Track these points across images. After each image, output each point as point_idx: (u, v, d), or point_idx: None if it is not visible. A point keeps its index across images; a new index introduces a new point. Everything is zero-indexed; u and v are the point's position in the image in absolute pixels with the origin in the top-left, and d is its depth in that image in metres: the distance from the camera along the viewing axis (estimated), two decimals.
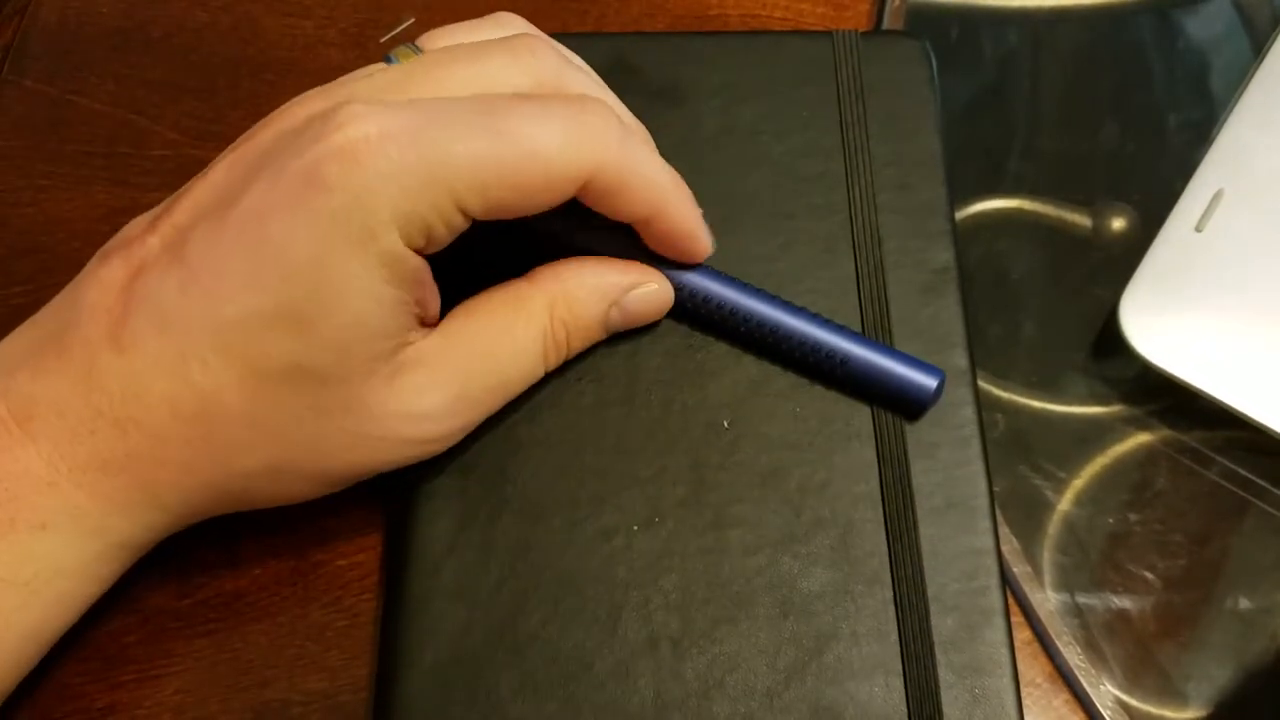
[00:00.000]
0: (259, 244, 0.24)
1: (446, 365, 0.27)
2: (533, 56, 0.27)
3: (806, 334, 0.30)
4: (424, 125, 0.24)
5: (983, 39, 0.40)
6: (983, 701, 0.27)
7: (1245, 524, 0.32)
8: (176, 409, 0.25)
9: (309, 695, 0.29)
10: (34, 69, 0.38)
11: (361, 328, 0.25)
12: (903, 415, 0.30)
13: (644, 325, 0.31)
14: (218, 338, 0.25)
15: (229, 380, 0.25)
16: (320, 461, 0.27)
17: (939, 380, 0.30)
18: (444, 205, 0.25)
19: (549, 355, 0.29)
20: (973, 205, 0.37)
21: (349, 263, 0.24)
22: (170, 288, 0.25)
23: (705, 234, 0.29)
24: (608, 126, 0.26)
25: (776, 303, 0.30)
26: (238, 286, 0.25)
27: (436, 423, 0.27)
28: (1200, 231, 0.34)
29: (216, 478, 0.26)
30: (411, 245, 0.25)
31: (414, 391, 0.27)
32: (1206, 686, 0.30)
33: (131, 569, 0.29)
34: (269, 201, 0.24)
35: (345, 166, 0.24)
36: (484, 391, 0.28)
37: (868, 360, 0.30)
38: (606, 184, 0.27)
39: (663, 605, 0.28)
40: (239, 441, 0.26)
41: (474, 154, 0.25)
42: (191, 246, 0.25)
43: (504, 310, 0.28)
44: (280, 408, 0.25)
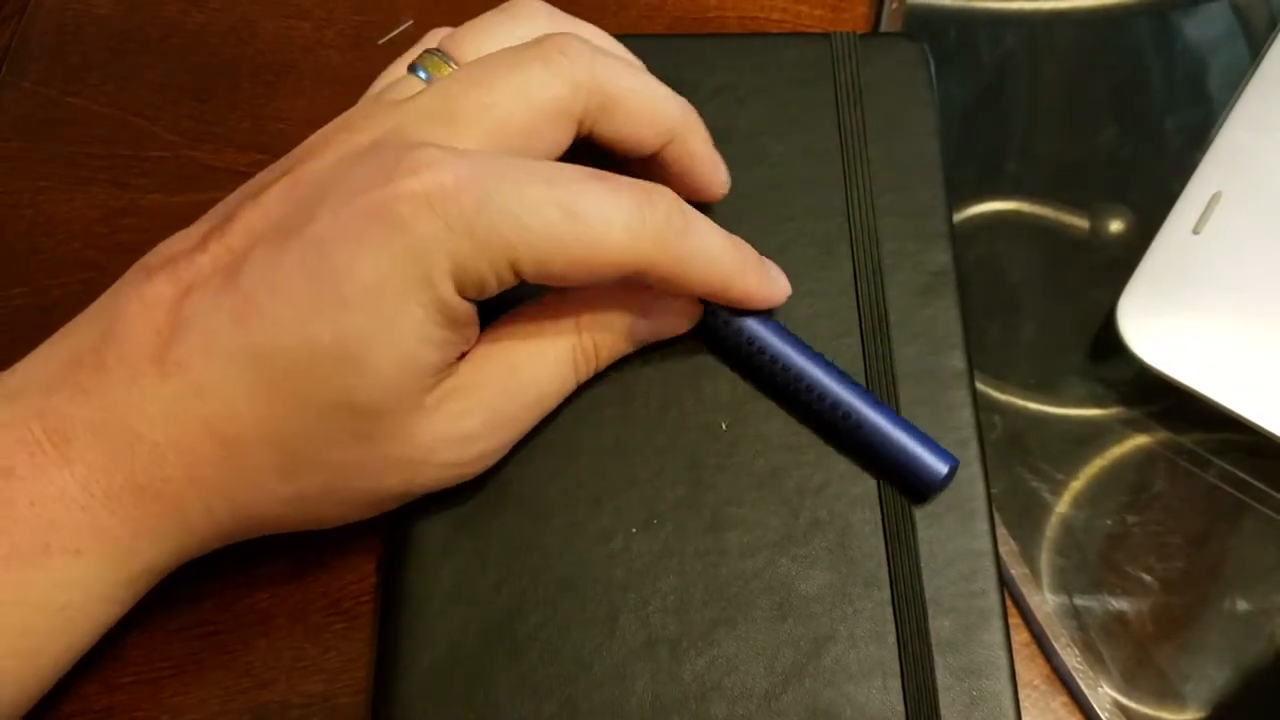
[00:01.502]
0: (320, 273, 0.24)
1: (482, 389, 0.27)
2: (565, 58, 0.27)
3: (828, 389, 0.29)
4: (497, 186, 0.25)
5: (981, 41, 0.40)
6: (981, 703, 0.27)
7: (1243, 526, 0.32)
8: (217, 436, 0.25)
9: (308, 697, 0.29)
10: (33, 70, 0.38)
11: (412, 367, 0.25)
12: (908, 495, 0.29)
13: (671, 338, 0.31)
14: (268, 367, 0.24)
15: (276, 410, 0.25)
16: (360, 487, 0.27)
17: (950, 466, 0.29)
18: (501, 266, 0.25)
19: (580, 368, 0.29)
20: (971, 207, 0.37)
21: (408, 302, 0.24)
22: (222, 312, 0.25)
23: (771, 291, 0.29)
24: (670, 219, 0.26)
25: (808, 353, 0.30)
26: (294, 314, 0.24)
27: (475, 443, 0.27)
28: (1198, 234, 0.34)
29: (251, 504, 0.26)
30: (463, 294, 0.25)
31: (453, 417, 0.27)
32: (1204, 688, 0.30)
33: None
34: (334, 232, 0.24)
35: (418, 210, 0.24)
36: (520, 409, 0.28)
37: (882, 429, 0.29)
38: (664, 274, 0.27)
39: (661, 607, 0.28)
40: (278, 468, 0.26)
41: (542, 227, 0.25)
42: (247, 271, 0.25)
43: (533, 328, 0.28)
44: (325, 438, 0.25)
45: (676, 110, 0.29)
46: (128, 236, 0.35)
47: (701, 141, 0.30)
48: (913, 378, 0.31)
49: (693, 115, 0.30)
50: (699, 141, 0.30)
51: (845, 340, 0.31)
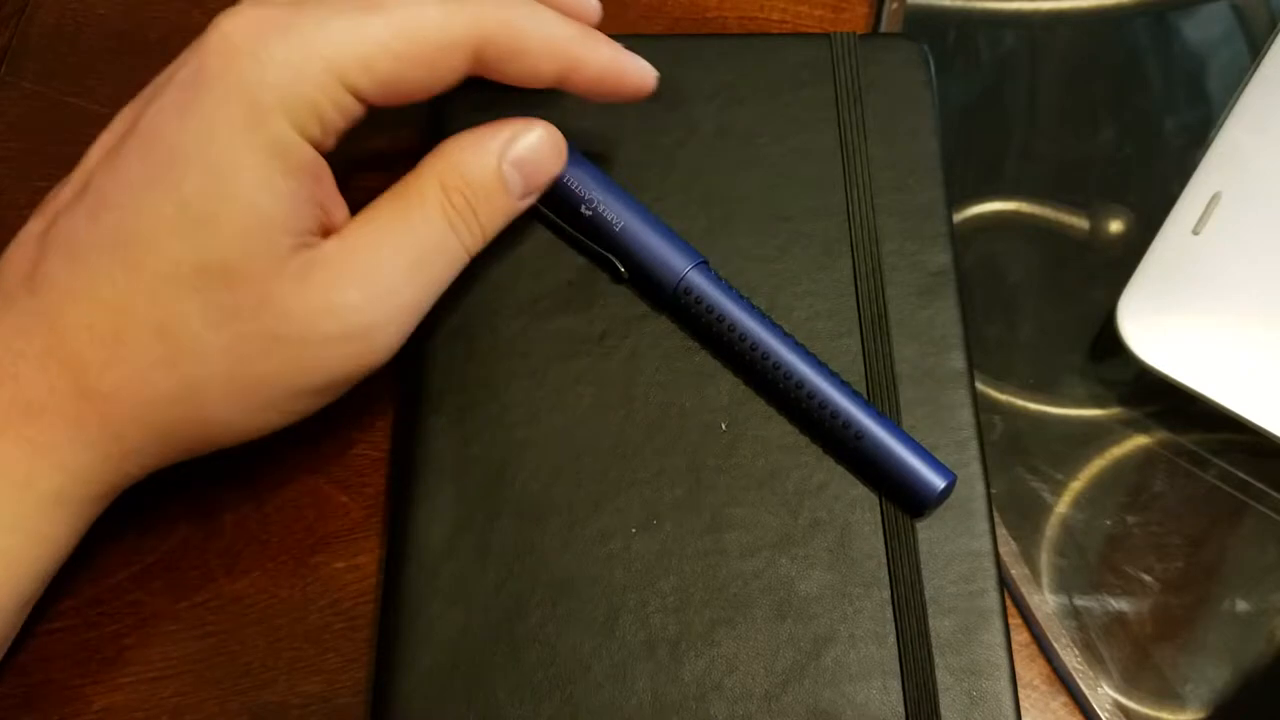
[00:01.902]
0: (153, 149, 0.25)
1: (353, 257, 0.27)
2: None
3: (830, 398, 0.29)
4: (299, 10, 0.25)
5: (980, 42, 0.40)
6: (980, 704, 0.27)
7: (1243, 526, 0.32)
8: (92, 333, 0.25)
9: (307, 698, 0.29)
10: (32, 71, 0.38)
11: (259, 218, 0.25)
12: (906, 509, 0.29)
13: (549, 180, 0.30)
14: (123, 251, 0.25)
15: (138, 291, 0.25)
16: (242, 374, 0.26)
17: (947, 482, 0.29)
18: (330, 87, 0.25)
19: (456, 225, 0.28)
20: (970, 207, 0.37)
21: (238, 151, 0.24)
22: (79, 220, 0.25)
23: (638, 65, 0.29)
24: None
25: (812, 361, 0.30)
26: (138, 193, 0.25)
27: (356, 315, 0.26)
28: (1198, 234, 0.34)
29: (146, 409, 0.26)
30: (305, 133, 0.25)
31: (325, 287, 0.26)
32: (1204, 688, 0.30)
33: (128, 571, 0.29)
34: (162, 112, 0.25)
35: (224, 58, 0.24)
36: (400, 275, 0.27)
37: (882, 441, 0.29)
38: (501, 48, 0.26)
39: (660, 608, 0.28)
40: (156, 359, 0.25)
41: (353, 27, 0.25)
42: (96, 177, 0.26)
43: (393, 196, 0.28)
44: (191, 315, 0.25)
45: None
46: None
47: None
48: (912, 378, 0.31)
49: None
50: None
51: (845, 340, 0.31)
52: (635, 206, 0.31)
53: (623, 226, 0.31)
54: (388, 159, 0.36)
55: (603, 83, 0.29)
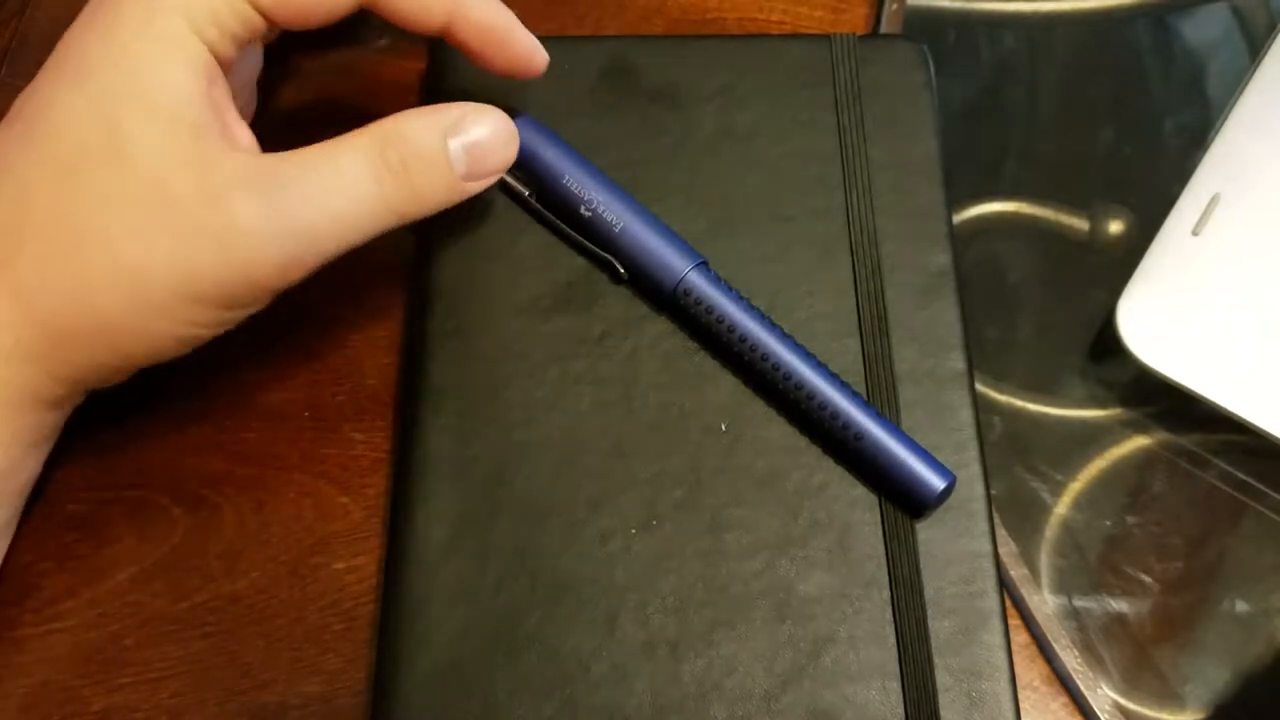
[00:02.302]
0: (65, 60, 0.27)
1: (259, 166, 0.27)
2: None
3: (830, 399, 0.29)
4: None
5: (980, 43, 0.40)
6: (980, 705, 0.27)
7: (1242, 527, 0.32)
8: (3, 224, 0.26)
9: (306, 698, 0.29)
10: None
11: (149, 100, 0.26)
12: (905, 509, 0.29)
13: (498, 170, 0.30)
14: (31, 144, 0.26)
15: (42, 179, 0.26)
16: (125, 262, 0.26)
17: (947, 482, 0.29)
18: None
19: (383, 178, 0.28)
20: (970, 208, 0.37)
21: (133, 41, 0.26)
22: (7, 131, 0.27)
23: (525, 36, 0.30)
24: None
25: (813, 363, 0.30)
26: (44, 96, 0.27)
27: (246, 216, 0.26)
28: (1197, 235, 0.34)
29: (34, 304, 0.26)
30: (201, 35, 0.26)
31: (222, 180, 0.26)
32: (1204, 689, 0.30)
33: (127, 571, 0.29)
34: (72, 28, 0.27)
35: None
36: (303, 199, 0.27)
37: (882, 442, 0.29)
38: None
39: (660, 608, 0.28)
40: (50, 251, 0.26)
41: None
42: (18, 101, 0.27)
43: (329, 143, 0.28)
44: (83, 198, 0.26)
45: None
46: None
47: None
48: (912, 378, 0.31)
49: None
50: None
51: (845, 341, 0.31)
52: (635, 207, 0.31)
53: (622, 227, 0.31)
54: None
55: (487, 37, 0.29)
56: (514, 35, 0.30)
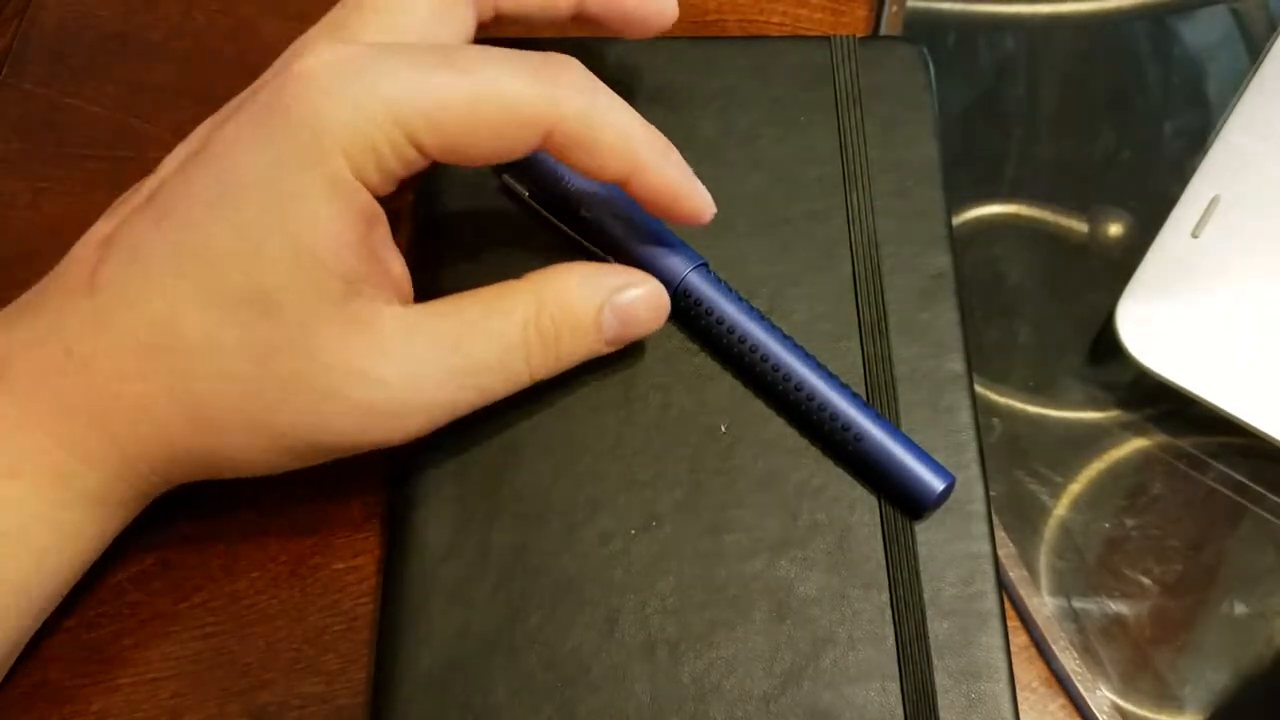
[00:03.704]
0: (222, 170, 0.25)
1: (413, 335, 0.26)
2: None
3: (829, 400, 0.29)
4: (386, 55, 0.25)
5: (980, 45, 0.40)
6: (979, 706, 0.27)
7: (1241, 529, 0.32)
8: (135, 340, 0.25)
9: (306, 699, 0.29)
10: (32, 72, 0.38)
11: (307, 252, 0.25)
12: (905, 511, 0.29)
13: (641, 335, 0.30)
14: (178, 263, 0.25)
15: (185, 306, 0.25)
16: (260, 413, 0.26)
17: (947, 483, 0.29)
18: (395, 136, 0.25)
19: (533, 349, 0.28)
20: (970, 210, 0.37)
21: (299, 182, 0.25)
22: (145, 227, 0.26)
23: (698, 192, 0.28)
24: (574, 73, 0.26)
25: (812, 364, 0.30)
26: (200, 211, 0.25)
27: (387, 392, 0.26)
28: (1196, 237, 0.34)
29: (169, 427, 0.26)
30: (362, 176, 0.25)
31: (369, 349, 0.26)
32: (1203, 691, 0.30)
33: (127, 571, 0.29)
34: (235, 133, 0.26)
35: (300, 87, 0.25)
36: (451, 374, 0.27)
37: (881, 443, 0.29)
38: (573, 132, 0.26)
39: (660, 609, 0.28)
40: (190, 380, 0.26)
41: (429, 82, 0.25)
42: (167, 187, 0.26)
43: (484, 295, 0.28)
44: (228, 341, 0.25)
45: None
46: None
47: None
48: (912, 380, 0.31)
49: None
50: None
51: (844, 343, 0.31)
52: (635, 208, 0.31)
53: (622, 228, 0.31)
54: None
55: (659, 198, 0.28)
56: (685, 197, 0.28)
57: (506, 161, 0.27)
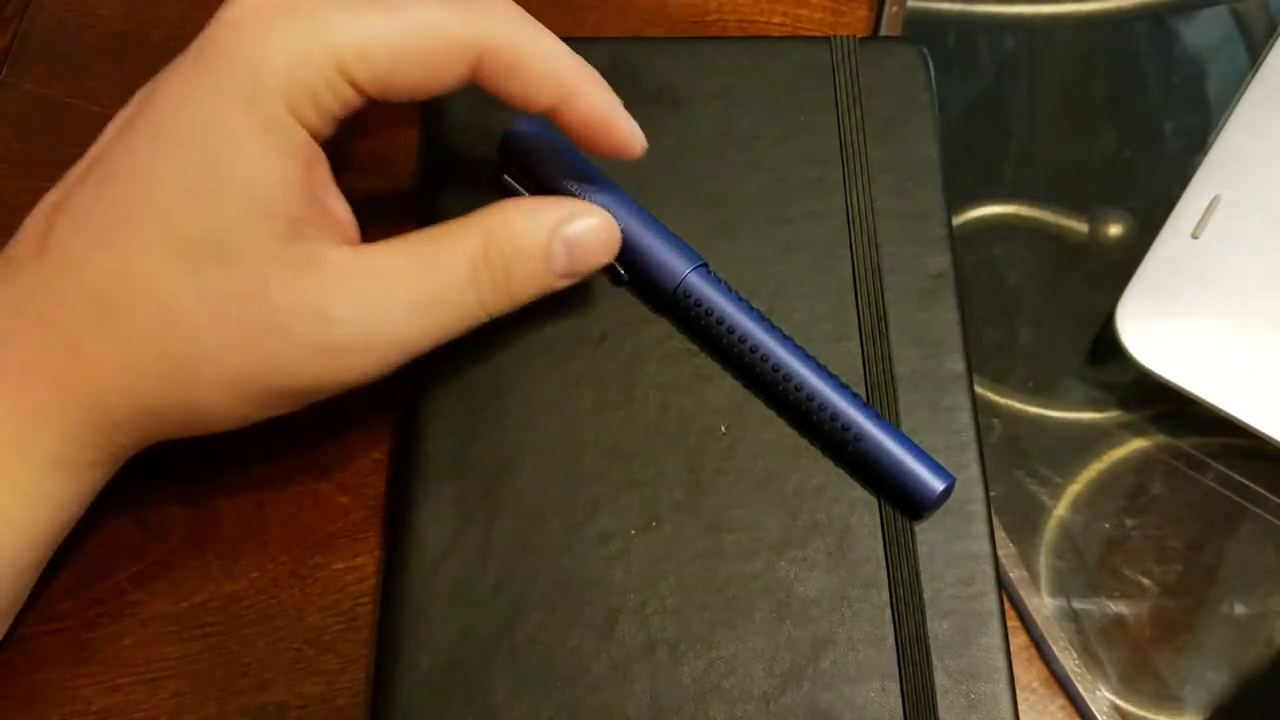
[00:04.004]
0: (159, 125, 0.26)
1: (359, 273, 0.26)
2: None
3: (829, 400, 0.29)
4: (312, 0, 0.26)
5: (980, 45, 0.40)
6: (979, 706, 0.27)
7: (1241, 529, 0.32)
8: (89, 297, 0.25)
9: (306, 699, 0.29)
10: (33, 72, 0.38)
11: (253, 195, 0.25)
12: (905, 511, 0.29)
13: (592, 269, 0.29)
14: (126, 222, 0.25)
15: (136, 260, 0.25)
16: (225, 359, 0.26)
17: (947, 484, 0.29)
18: (329, 74, 0.25)
19: (483, 283, 0.27)
20: (970, 211, 0.37)
21: (235, 124, 0.25)
22: (88, 192, 0.26)
23: (627, 124, 0.28)
24: (502, 5, 0.27)
25: (813, 364, 0.30)
26: (143, 166, 0.25)
27: (342, 329, 0.26)
28: (1196, 238, 0.34)
29: (124, 378, 0.26)
30: (300, 118, 0.25)
31: (320, 289, 0.26)
32: (1202, 692, 0.30)
33: (127, 571, 0.29)
34: (169, 86, 0.26)
35: (232, 33, 0.25)
36: (400, 309, 0.27)
37: (881, 444, 0.29)
38: (501, 60, 0.27)
39: (659, 609, 0.28)
40: (145, 330, 0.26)
41: (358, 20, 0.25)
42: (105, 153, 0.27)
43: (430, 232, 0.28)
44: (185, 290, 0.25)
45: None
46: None
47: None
48: (911, 381, 0.31)
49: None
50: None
51: (844, 343, 0.31)
52: (635, 209, 0.31)
53: (623, 229, 0.31)
54: (388, 159, 0.36)
55: (591, 125, 0.28)
56: (615, 125, 0.28)
57: (436, 95, 0.27)
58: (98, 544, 0.30)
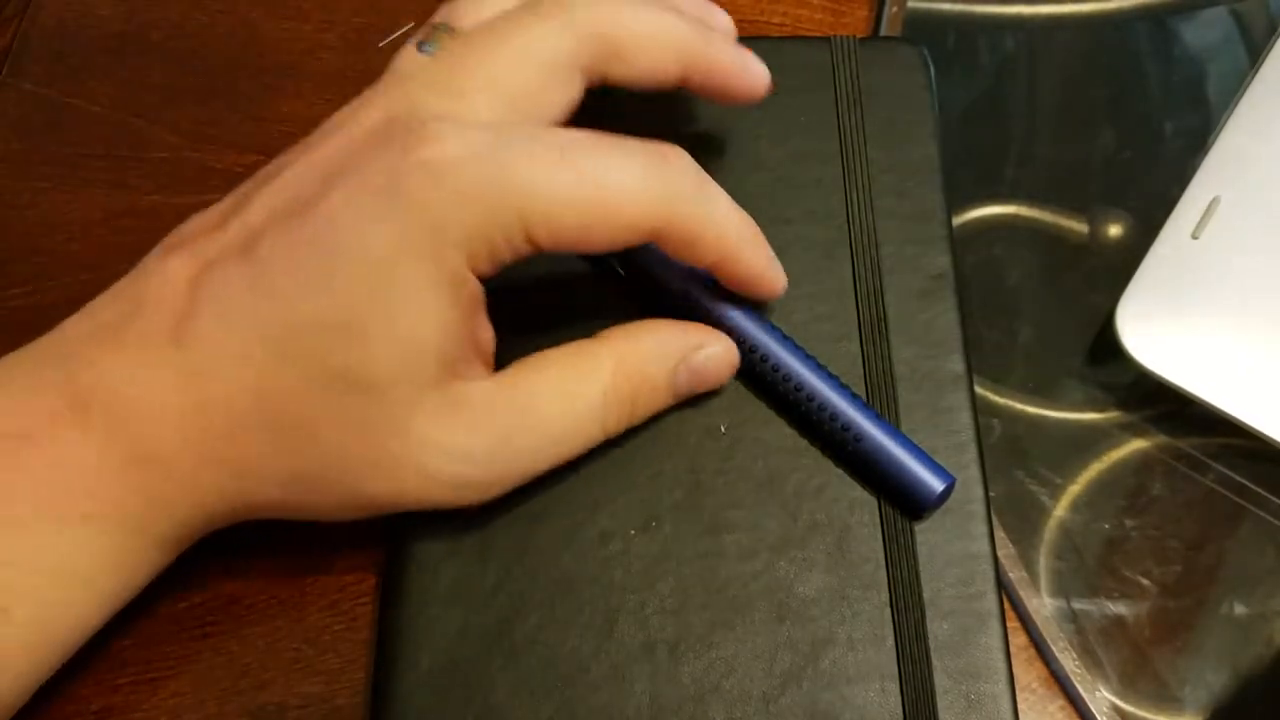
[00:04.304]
0: (333, 247, 0.25)
1: (496, 410, 0.27)
2: (560, 9, 0.27)
3: (829, 400, 0.29)
4: (506, 152, 0.25)
5: (980, 45, 0.40)
6: (978, 706, 0.27)
7: (1241, 530, 0.32)
8: (229, 405, 0.25)
9: (306, 699, 0.29)
10: (33, 72, 0.38)
11: (417, 344, 0.25)
12: (905, 511, 0.29)
13: (707, 390, 0.30)
14: (280, 339, 0.25)
15: (285, 383, 0.25)
16: (353, 480, 0.26)
17: (946, 484, 0.29)
18: (513, 231, 0.25)
19: (609, 414, 0.28)
20: (970, 211, 0.37)
21: (416, 275, 0.24)
22: (238, 285, 0.25)
23: (776, 275, 0.29)
24: (685, 177, 0.27)
25: (812, 364, 0.30)
26: (306, 288, 0.25)
27: (473, 467, 0.27)
28: (1196, 238, 0.34)
29: (251, 483, 0.26)
30: (475, 269, 0.25)
31: (457, 429, 0.26)
32: (1202, 692, 0.30)
33: None
34: (345, 207, 0.25)
35: (427, 181, 0.24)
36: (531, 445, 0.27)
37: (881, 445, 0.29)
38: (679, 234, 0.27)
39: (659, 609, 0.28)
40: (285, 447, 0.26)
41: (551, 185, 0.25)
42: (263, 246, 0.25)
43: (566, 361, 0.28)
44: (329, 416, 0.25)
45: (685, 30, 0.28)
46: (127, 238, 0.35)
47: (720, 51, 0.29)
48: (911, 381, 0.31)
49: (702, 28, 0.29)
50: (717, 52, 0.29)
51: (844, 343, 0.31)
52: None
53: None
54: None
55: (743, 283, 0.29)
56: (765, 281, 0.29)
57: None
58: None
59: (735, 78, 0.29)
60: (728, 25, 0.31)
